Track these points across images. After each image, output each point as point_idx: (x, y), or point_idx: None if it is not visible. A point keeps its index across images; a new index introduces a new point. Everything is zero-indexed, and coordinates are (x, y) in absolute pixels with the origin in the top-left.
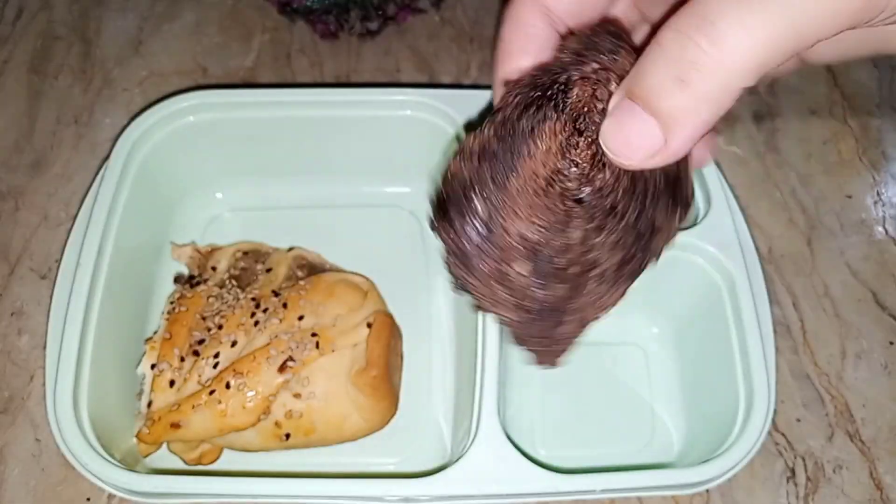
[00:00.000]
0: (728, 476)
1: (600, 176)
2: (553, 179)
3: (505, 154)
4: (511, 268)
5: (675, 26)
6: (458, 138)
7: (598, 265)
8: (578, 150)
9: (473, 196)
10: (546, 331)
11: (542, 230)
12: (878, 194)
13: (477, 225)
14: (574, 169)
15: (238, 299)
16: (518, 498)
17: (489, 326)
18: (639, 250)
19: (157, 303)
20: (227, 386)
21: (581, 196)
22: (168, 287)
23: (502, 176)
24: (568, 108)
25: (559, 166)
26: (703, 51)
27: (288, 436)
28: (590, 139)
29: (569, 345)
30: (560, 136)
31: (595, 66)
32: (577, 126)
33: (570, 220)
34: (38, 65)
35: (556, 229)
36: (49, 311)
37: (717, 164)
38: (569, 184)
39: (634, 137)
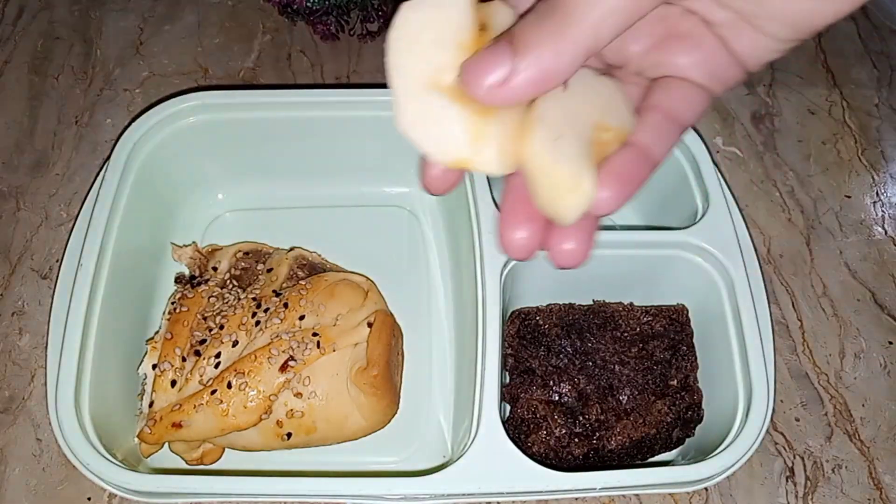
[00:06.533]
0: (727, 474)
1: None
2: None
3: None
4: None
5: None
6: None
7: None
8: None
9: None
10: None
11: None
12: (877, 194)
13: None
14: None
15: (239, 299)
16: (518, 496)
17: (489, 326)
18: None
19: (159, 303)
20: (229, 385)
21: None
22: (169, 287)
23: None
24: None
25: None
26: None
27: (289, 435)
28: None
29: None
30: None
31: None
32: None
33: None
34: (39, 65)
35: None
36: (50, 311)
37: (716, 164)
38: None
39: (485, 65)
